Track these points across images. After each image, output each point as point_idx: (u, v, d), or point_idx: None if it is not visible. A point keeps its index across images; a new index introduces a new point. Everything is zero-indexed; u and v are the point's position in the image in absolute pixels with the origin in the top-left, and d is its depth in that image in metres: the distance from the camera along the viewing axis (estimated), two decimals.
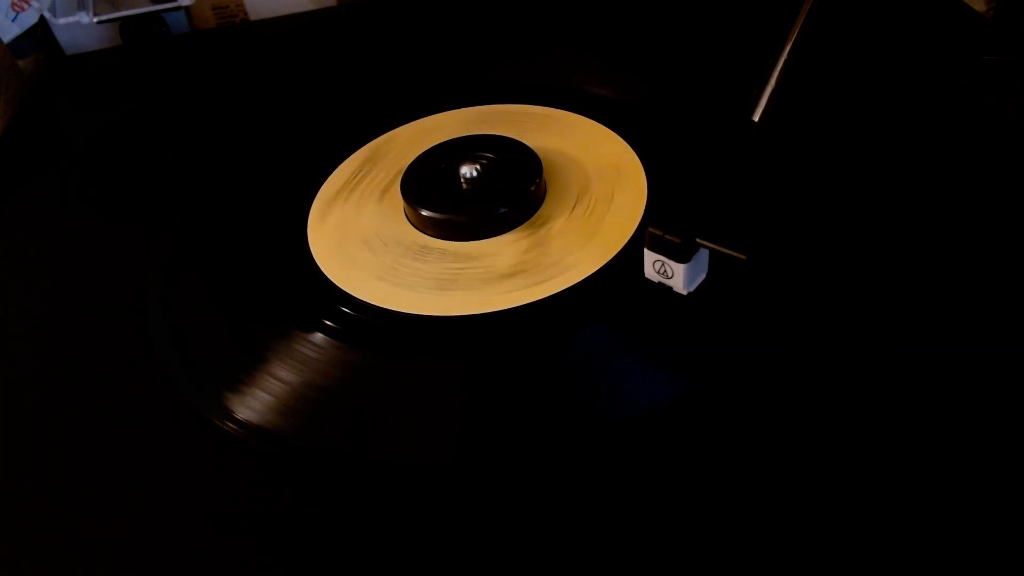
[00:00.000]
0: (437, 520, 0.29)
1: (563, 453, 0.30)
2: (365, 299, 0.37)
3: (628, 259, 0.37)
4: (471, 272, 0.37)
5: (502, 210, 0.39)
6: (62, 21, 0.58)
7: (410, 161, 0.42)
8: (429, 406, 0.33)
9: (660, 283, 0.35)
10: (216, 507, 0.30)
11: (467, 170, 0.40)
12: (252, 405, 0.33)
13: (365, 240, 0.40)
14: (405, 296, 0.37)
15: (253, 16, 0.64)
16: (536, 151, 0.41)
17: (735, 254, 0.31)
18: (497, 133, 0.43)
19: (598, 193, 0.41)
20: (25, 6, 0.58)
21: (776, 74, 0.39)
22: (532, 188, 0.40)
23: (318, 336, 0.35)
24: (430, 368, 0.34)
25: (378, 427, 0.32)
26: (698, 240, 0.32)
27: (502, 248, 0.38)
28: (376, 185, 0.44)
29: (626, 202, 0.40)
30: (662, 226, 0.33)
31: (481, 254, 0.38)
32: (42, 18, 0.59)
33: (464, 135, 0.43)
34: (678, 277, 0.34)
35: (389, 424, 0.32)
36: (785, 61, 0.39)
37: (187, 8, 0.62)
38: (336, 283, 0.38)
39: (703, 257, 0.34)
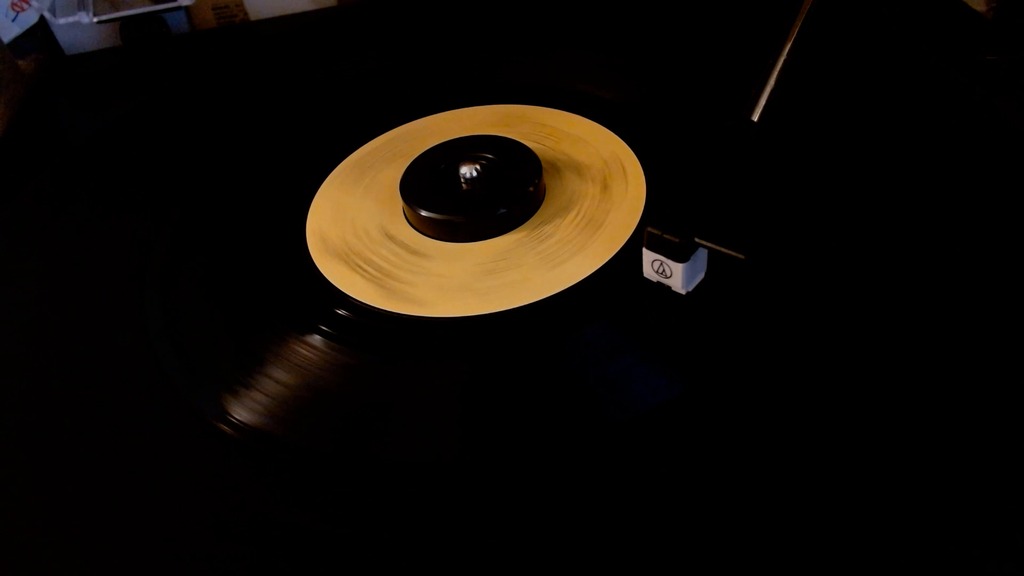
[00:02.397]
0: (436, 521, 0.29)
1: (562, 453, 0.30)
2: (363, 300, 0.37)
3: (627, 259, 0.37)
4: (471, 272, 0.37)
5: (502, 211, 0.39)
6: (62, 21, 0.58)
7: (410, 161, 0.42)
8: (427, 407, 0.33)
9: (659, 282, 0.35)
10: (213, 508, 0.30)
11: (467, 170, 0.40)
12: (250, 406, 0.33)
13: (364, 241, 0.40)
14: (403, 296, 0.37)
15: (253, 16, 0.64)
16: (536, 151, 0.41)
17: (734, 253, 0.31)
18: (497, 133, 0.43)
19: (598, 193, 0.41)
20: (25, 6, 0.58)
21: (775, 74, 0.39)
22: (532, 188, 0.40)
23: (316, 338, 0.35)
24: (428, 369, 0.34)
25: (379, 428, 0.32)
26: (697, 239, 0.32)
27: (502, 248, 0.38)
28: (376, 185, 0.44)
29: (625, 202, 0.40)
30: (661, 225, 0.33)
31: (480, 254, 0.38)
32: (42, 18, 0.59)
33: (464, 135, 0.43)
34: (677, 276, 0.34)
35: (389, 425, 0.32)
36: (784, 61, 0.39)
37: (187, 8, 0.62)
38: (334, 284, 0.38)
39: (702, 256, 0.34)
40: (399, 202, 0.41)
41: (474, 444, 0.32)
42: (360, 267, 0.39)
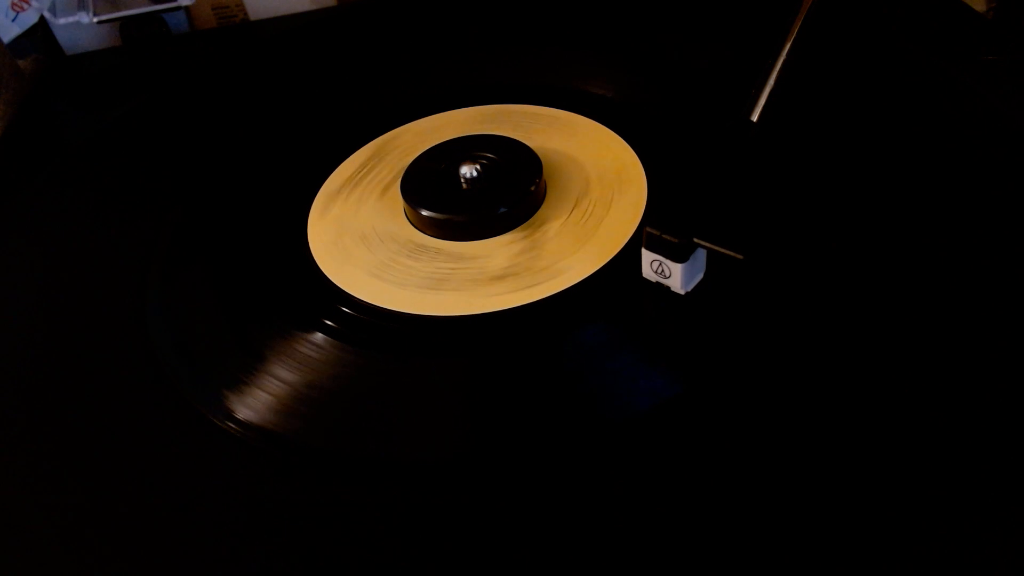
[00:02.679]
0: (435, 520, 0.29)
1: (561, 453, 0.30)
2: (365, 299, 0.37)
3: (627, 259, 0.37)
4: (470, 272, 0.37)
5: (502, 210, 0.39)
6: (62, 21, 0.58)
7: (410, 161, 0.42)
8: (427, 406, 0.33)
9: (658, 283, 0.35)
10: (214, 506, 0.30)
11: (467, 170, 0.40)
12: (251, 404, 0.33)
13: (365, 240, 0.40)
14: (404, 296, 0.37)
15: (253, 16, 0.64)
16: (536, 151, 0.41)
17: (733, 253, 0.31)
18: (497, 133, 0.43)
19: (598, 193, 0.41)
20: (25, 6, 0.58)
21: (775, 74, 0.39)
22: (532, 188, 0.40)
23: (317, 335, 0.35)
24: (428, 368, 0.34)
25: (378, 426, 0.32)
26: (696, 239, 0.32)
27: (502, 248, 0.38)
28: (376, 186, 0.44)
29: (626, 202, 0.40)
30: (660, 226, 0.33)
31: (481, 254, 0.38)
32: (42, 18, 0.59)
33: (464, 135, 0.43)
34: (676, 277, 0.34)
35: (389, 423, 0.32)
36: (784, 61, 0.39)
37: (187, 8, 0.62)
38: (336, 283, 0.38)
39: (701, 257, 0.34)
40: (400, 201, 0.41)
41: (474, 443, 0.32)
42: (361, 266, 0.39)
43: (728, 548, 0.27)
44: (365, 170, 0.45)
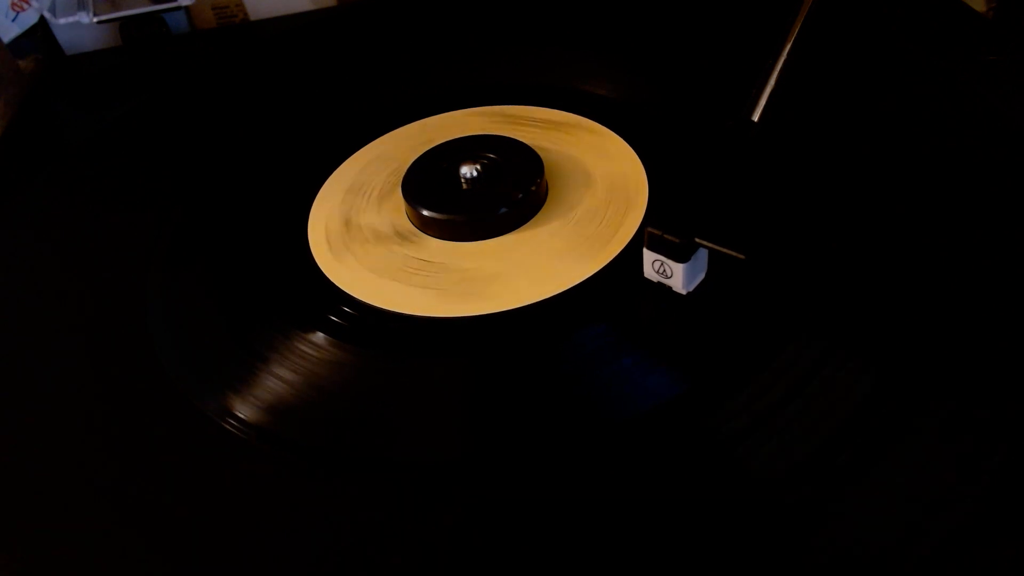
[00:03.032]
0: (435, 520, 0.29)
1: (562, 453, 0.30)
2: (365, 299, 0.37)
3: (628, 259, 0.37)
4: (470, 272, 0.37)
5: (503, 210, 0.39)
6: (62, 21, 0.58)
7: (411, 161, 0.42)
8: (428, 407, 0.33)
9: (659, 283, 0.35)
10: (214, 506, 0.30)
11: (468, 170, 0.40)
12: (251, 403, 0.33)
13: (365, 240, 0.40)
14: (405, 296, 0.37)
15: (253, 16, 0.64)
16: (537, 151, 0.41)
17: (734, 253, 0.31)
18: (498, 133, 0.43)
19: (599, 193, 0.41)
20: (25, 6, 0.58)
21: (775, 74, 0.39)
22: (533, 188, 0.40)
23: (317, 335, 0.35)
24: (429, 368, 0.34)
25: (378, 427, 0.32)
26: (697, 239, 0.32)
27: (503, 248, 0.38)
28: (377, 186, 0.44)
29: (627, 202, 0.40)
30: (661, 226, 0.33)
31: (481, 254, 0.38)
32: (42, 18, 0.59)
33: (465, 135, 0.43)
34: (677, 277, 0.34)
35: (389, 424, 0.32)
36: (784, 61, 0.39)
37: (187, 8, 0.62)
38: (336, 283, 0.38)
39: (702, 256, 0.34)
40: (400, 201, 0.41)
41: (474, 444, 0.32)
42: (361, 266, 0.39)
43: (728, 548, 0.27)
44: (365, 170, 0.45)
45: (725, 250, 0.32)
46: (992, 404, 0.29)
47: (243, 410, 0.33)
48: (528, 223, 0.39)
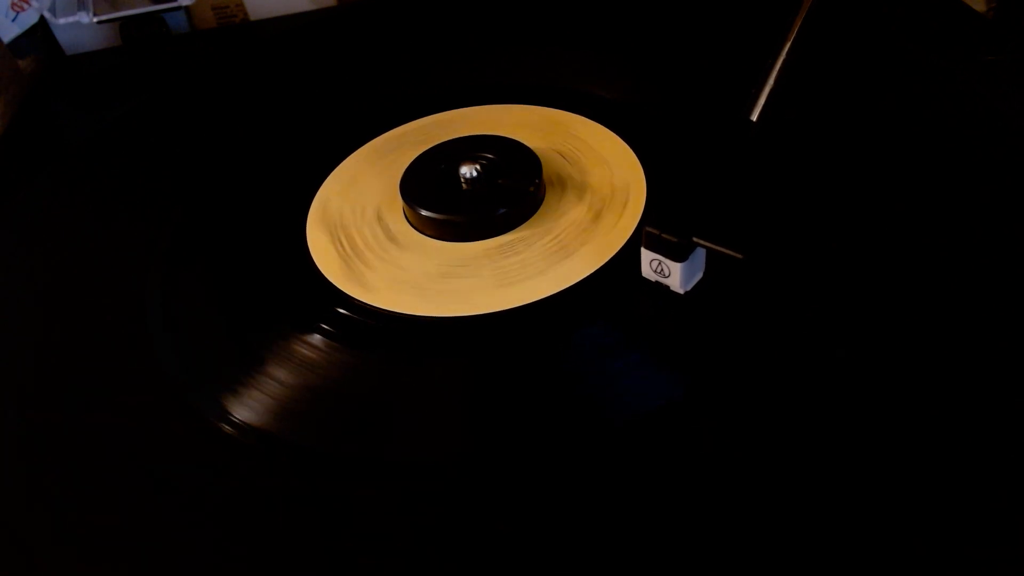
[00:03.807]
0: (434, 520, 0.29)
1: (560, 453, 0.30)
2: (364, 300, 0.37)
3: (626, 258, 0.37)
4: (470, 272, 0.37)
5: (502, 210, 0.39)
6: (62, 21, 0.58)
7: (410, 161, 0.42)
8: (427, 407, 0.33)
9: (657, 282, 0.35)
10: (213, 507, 0.30)
11: (467, 170, 0.40)
12: (250, 405, 0.33)
13: (364, 240, 0.40)
14: (404, 296, 0.37)
15: (253, 16, 0.64)
16: (536, 151, 0.41)
17: (732, 253, 0.31)
18: (498, 133, 0.43)
19: (598, 193, 0.41)
20: (25, 6, 0.58)
21: (774, 74, 0.39)
22: (532, 188, 0.40)
23: (316, 337, 0.35)
24: (428, 369, 0.34)
25: (378, 427, 0.32)
26: (695, 239, 0.32)
27: (502, 248, 0.38)
28: (376, 186, 0.44)
29: (626, 202, 0.40)
30: (659, 225, 0.33)
31: (481, 254, 0.38)
32: (42, 18, 0.59)
33: (465, 135, 0.43)
34: (675, 276, 0.34)
35: (389, 424, 0.32)
36: (783, 61, 0.39)
37: (187, 8, 0.62)
38: (336, 284, 0.38)
39: (700, 256, 0.34)
40: (399, 201, 0.41)
41: (473, 444, 0.32)
42: (361, 266, 0.39)
43: (727, 549, 0.27)
44: (365, 170, 0.45)
45: (723, 249, 0.32)
46: (992, 404, 0.29)
47: (242, 411, 0.33)
48: (527, 223, 0.39)
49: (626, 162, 0.42)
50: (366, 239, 0.40)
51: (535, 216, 0.40)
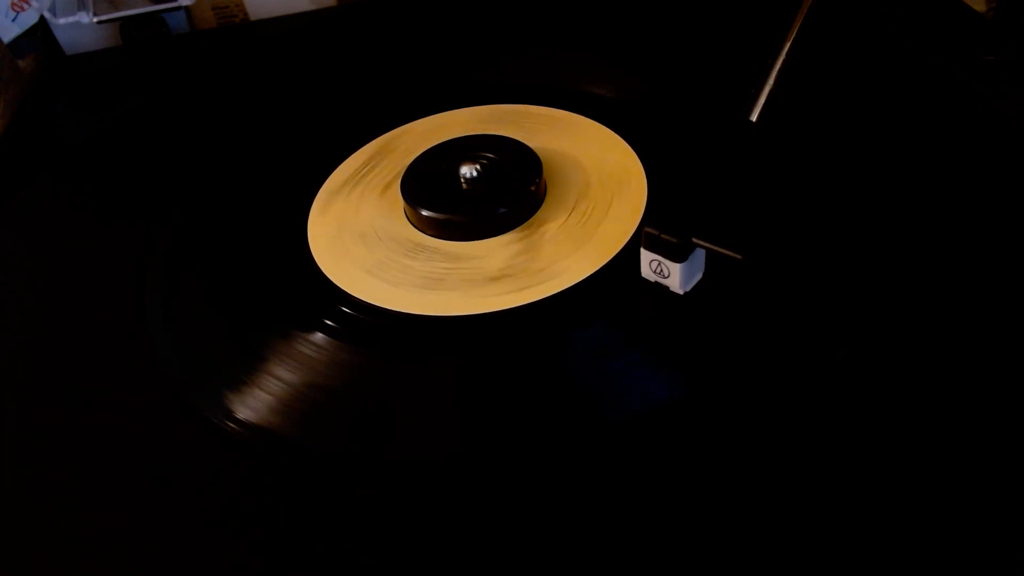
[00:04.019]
0: (434, 520, 0.29)
1: (560, 453, 0.30)
2: (364, 299, 0.37)
3: (626, 259, 0.37)
4: (470, 272, 0.37)
5: (502, 210, 0.39)
6: (62, 21, 0.58)
7: (410, 161, 0.42)
8: (426, 407, 0.33)
9: (656, 282, 0.35)
10: (214, 506, 0.30)
11: (467, 170, 0.40)
12: (250, 403, 0.33)
13: (365, 240, 0.40)
14: (404, 295, 0.37)
15: (253, 16, 0.64)
16: (536, 151, 0.41)
17: (731, 253, 0.31)
18: (498, 133, 0.43)
19: (598, 193, 0.41)
20: (25, 6, 0.58)
21: (774, 74, 0.39)
22: (532, 188, 0.40)
23: (316, 335, 0.35)
24: (428, 368, 0.34)
25: (377, 427, 0.32)
26: (694, 239, 0.32)
27: (502, 248, 0.38)
28: (376, 186, 0.44)
29: (626, 202, 0.40)
30: (658, 225, 0.33)
31: (481, 254, 0.38)
32: (42, 18, 0.59)
33: (465, 135, 0.43)
34: (674, 276, 0.34)
35: (388, 424, 0.32)
36: (783, 61, 0.39)
37: (187, 8, 0.62)
38: (336, 283, 0.38)
39: (699, 256, 0.34)
40: (400, 201, 0.41)
41: (473, 444, 0.32)
42: (361, 265, 0.39)
43: (727, 549, 0.27)
44: (365, 170, 0.45)
45: (723, 250, 0.32)
46: (992, 404, 0.29)
47: (241, 410, 0.33)
48: (527, 223, 0.39)
49: (626, 162, 0.42)
50: (367, 239, 0.40)
51: (535, 216, 0.40)
